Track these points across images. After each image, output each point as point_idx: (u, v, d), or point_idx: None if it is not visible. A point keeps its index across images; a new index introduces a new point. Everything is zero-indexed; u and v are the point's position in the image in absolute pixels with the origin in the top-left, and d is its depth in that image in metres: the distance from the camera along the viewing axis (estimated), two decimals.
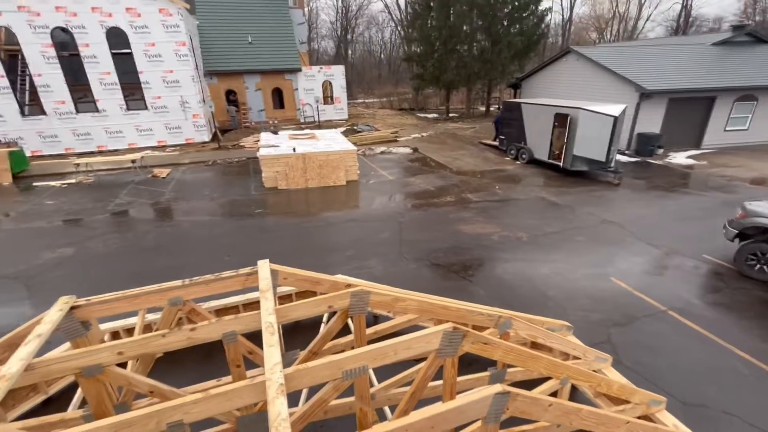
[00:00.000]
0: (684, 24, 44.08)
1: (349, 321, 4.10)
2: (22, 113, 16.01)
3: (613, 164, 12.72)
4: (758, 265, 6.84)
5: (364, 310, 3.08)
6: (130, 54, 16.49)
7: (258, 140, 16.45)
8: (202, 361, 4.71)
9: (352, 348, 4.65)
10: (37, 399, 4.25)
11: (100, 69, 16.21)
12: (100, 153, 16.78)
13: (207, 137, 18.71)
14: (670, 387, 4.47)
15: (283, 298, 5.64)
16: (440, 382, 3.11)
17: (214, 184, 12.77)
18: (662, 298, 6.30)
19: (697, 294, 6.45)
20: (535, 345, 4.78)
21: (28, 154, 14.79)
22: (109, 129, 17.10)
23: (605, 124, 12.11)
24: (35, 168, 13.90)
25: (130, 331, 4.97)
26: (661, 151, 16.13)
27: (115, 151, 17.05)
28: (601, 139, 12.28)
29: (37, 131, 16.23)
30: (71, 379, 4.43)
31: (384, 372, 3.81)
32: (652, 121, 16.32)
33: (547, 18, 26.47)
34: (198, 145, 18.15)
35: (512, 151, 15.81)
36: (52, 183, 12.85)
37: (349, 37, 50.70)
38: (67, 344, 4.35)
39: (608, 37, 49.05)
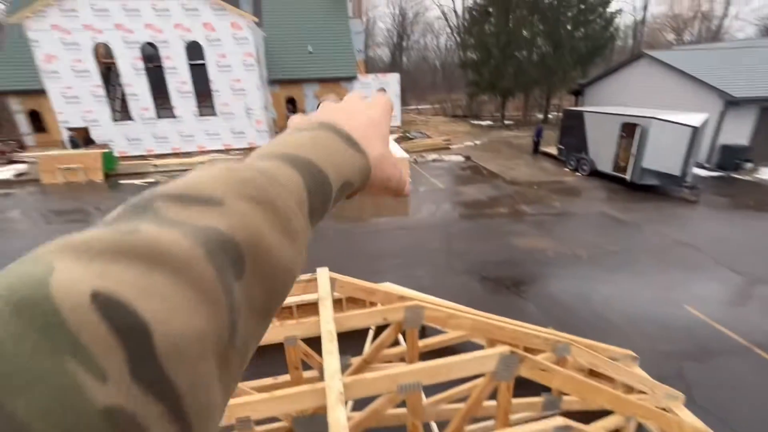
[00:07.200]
0: None
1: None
2: (114, 119, 18.10)
3: (689, 179, 11.61)
4: None
5: (417, 324, 3.11)
6: (204, 65, 18.01)
7: None
8: (257, 356, 4.99)
9: (402, 359, 4.71)
10: None
11: (178, 79, 17.88)
12: (175, 155, 18.47)
13: (268, 141, 19.84)
14: None
15: (334, 303, 5.82)
16: (492, 402, 3.06)
17: None
18: (745, 332, 5.63)
19: None
20: (593, 373, 4.49)
21: (116, 155, 16.67)
22: (182, 132, 18.79)
23: (682, 135, 11.11)
24: (121, 168, 15.60)
25: None
26: (749, 165, 14.44)
27: (188, 153, 18.67)
28: (676, 151, 11.27)
29: (124, 134, 18.26)
30: None
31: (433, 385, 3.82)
32: (738, 132, 14.68)
33: (617, 20, 24.77)
34: None
35: (572, 162, 15.01)
36: (136, 182, 14.35)
37: (404, 44, 51.26)
38: None
39: (688, 38, 44.86)
